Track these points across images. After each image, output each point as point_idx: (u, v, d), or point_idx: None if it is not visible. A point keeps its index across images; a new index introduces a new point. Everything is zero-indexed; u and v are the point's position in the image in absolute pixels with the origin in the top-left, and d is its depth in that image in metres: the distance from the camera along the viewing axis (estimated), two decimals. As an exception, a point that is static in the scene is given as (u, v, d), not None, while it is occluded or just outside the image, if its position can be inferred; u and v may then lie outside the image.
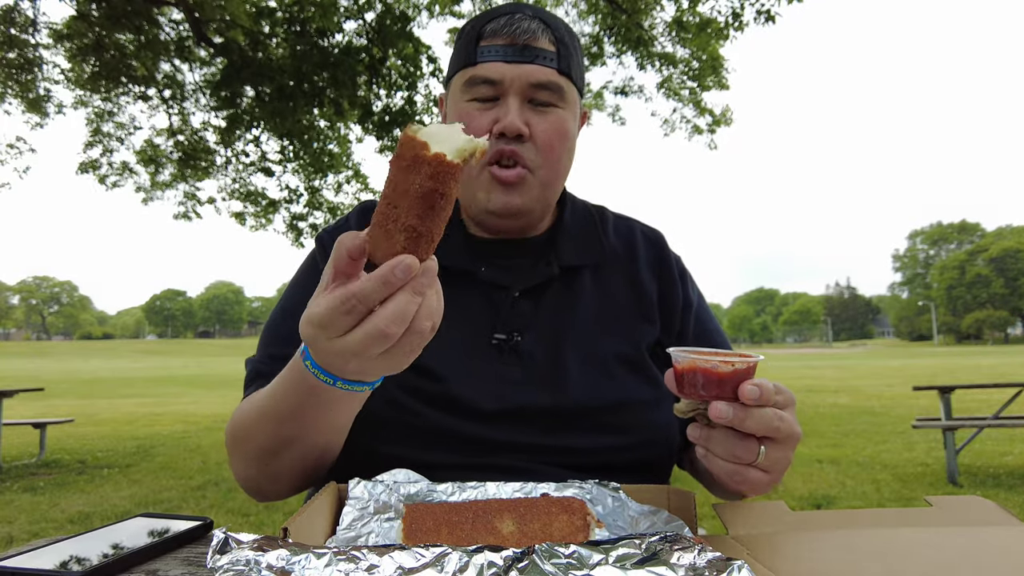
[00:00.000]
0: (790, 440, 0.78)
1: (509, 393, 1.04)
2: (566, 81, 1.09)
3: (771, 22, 7.76)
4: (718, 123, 10.39)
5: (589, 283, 1.17)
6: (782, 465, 0.80)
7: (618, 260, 1.21)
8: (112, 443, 9.01)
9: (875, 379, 20.11)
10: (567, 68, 1.09)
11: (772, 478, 0.80)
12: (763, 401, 0.74)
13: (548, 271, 1.14)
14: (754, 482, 0.79)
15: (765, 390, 0.74)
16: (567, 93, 1.10)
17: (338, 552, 0.58)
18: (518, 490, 0.87)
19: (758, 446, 0.77)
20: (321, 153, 10.60)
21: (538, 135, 1.07)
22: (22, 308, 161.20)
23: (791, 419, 0.78)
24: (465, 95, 1.09)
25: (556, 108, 1.09)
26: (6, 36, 8.71)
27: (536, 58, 1.06)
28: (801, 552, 0.72)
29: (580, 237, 1.20)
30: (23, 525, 4.79)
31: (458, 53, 1.12)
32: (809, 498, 5.33)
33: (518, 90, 1.06)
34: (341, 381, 0.76)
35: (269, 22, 9.13)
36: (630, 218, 1.31)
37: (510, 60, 1.06)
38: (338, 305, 0.66)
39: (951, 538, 0.73)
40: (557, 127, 1.09)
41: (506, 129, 1.05)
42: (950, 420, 6.06)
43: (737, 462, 0.77)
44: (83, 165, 10.66)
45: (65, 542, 0.79)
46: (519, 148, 1.06)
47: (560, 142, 1.09)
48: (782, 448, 0.78)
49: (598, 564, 0.55)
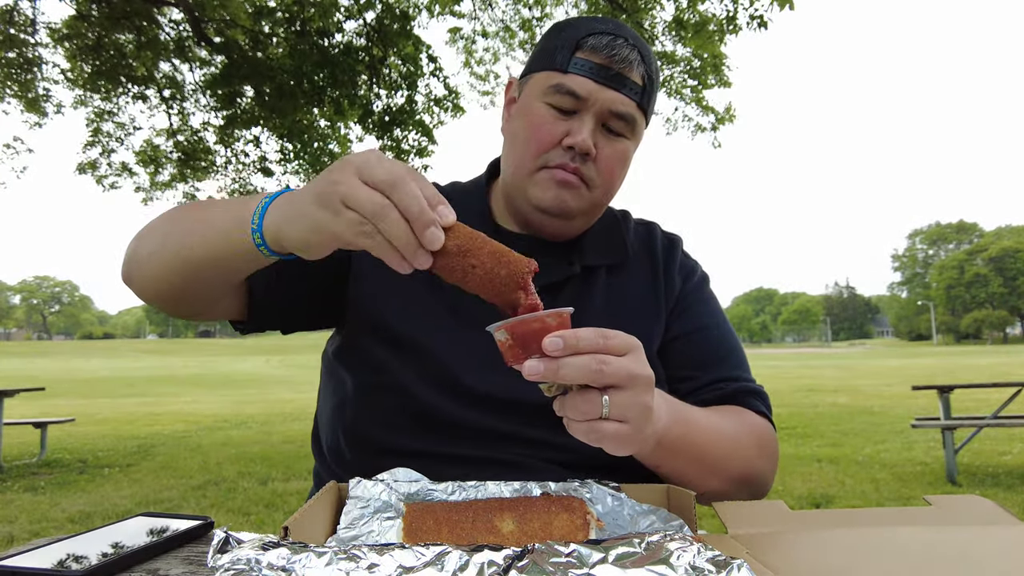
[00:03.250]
0: (633, 383, 0.74)
1: (516, 385, 1.02)
2: (641, 116, 1.12)
3: (763, 28, 7.78)
4: (721, 121, 10.37)
5: (604, 281, 1.19)
6: (637, 411, 0.74)
7: (637, 260, 1.24)
8: (113, 443, 9.01)
9: (874, 379, 20.11)
10: (647, 104, 1.12)
11: (632, 428, 0.75)
12: (572, 350, 0.71)
13: (569, 270, 1.16)
14: (613, 435, 0.74)
15: (569, 338, 0.71)
16: (639, 127, 1.13)
17: (338, 551, 0.58)
18: (518, 489, 0.87)
19: (600, 397, 0.73)
20: (321, 153, 10.59)
21: (602, 159, 1.10)
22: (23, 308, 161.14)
23: (624, 361, 0.73)
24: (545, 97, 1.10)
25: (624, 138, 1.12)
26: (6, 36, 8.70)
27: (623, 87, 1.08)
28: (800, 551, 0.72)
29: (603, 238, 1.23)
30: (24, 524, 4.79)
31: (547, 53, 1.12)
32: (808, 497, 5.34)
33: (598, 112, 1.08)
34: (260, 225, 0.84)
35: (269, 22, 9.13)
36: (651, 222, 1.34)
37: (600, 81, 1.07)
38: (413, 177, 0.74)
39: (950, 537, 0.73)
40: (621, 156, 1.12)
41: (578, 145, 1.07)
42: (949, 419, 6.06)
43: (586, 418, 0.73)
44: (82, 166, 10.66)
45: (65, 541, 0.79)
46: (582, 167, 1.09)
47: (620, 170, 1.13)
48: (628, 393, 0.73)
49: (598, 563, 0.55)
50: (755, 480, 1.05)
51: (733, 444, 1.03)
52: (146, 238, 1.03)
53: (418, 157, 9.92)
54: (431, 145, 9.91)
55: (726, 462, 1.00)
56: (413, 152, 9.90)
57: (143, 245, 1.02)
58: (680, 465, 0.95)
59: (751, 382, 1.17)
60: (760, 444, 1.08)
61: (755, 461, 1.06)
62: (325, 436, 1.16)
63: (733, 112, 10.38)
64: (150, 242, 1.01)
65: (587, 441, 0.76)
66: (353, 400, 1.09)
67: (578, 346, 0.71)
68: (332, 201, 0.73)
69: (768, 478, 1.08)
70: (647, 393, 0.76)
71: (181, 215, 1.03)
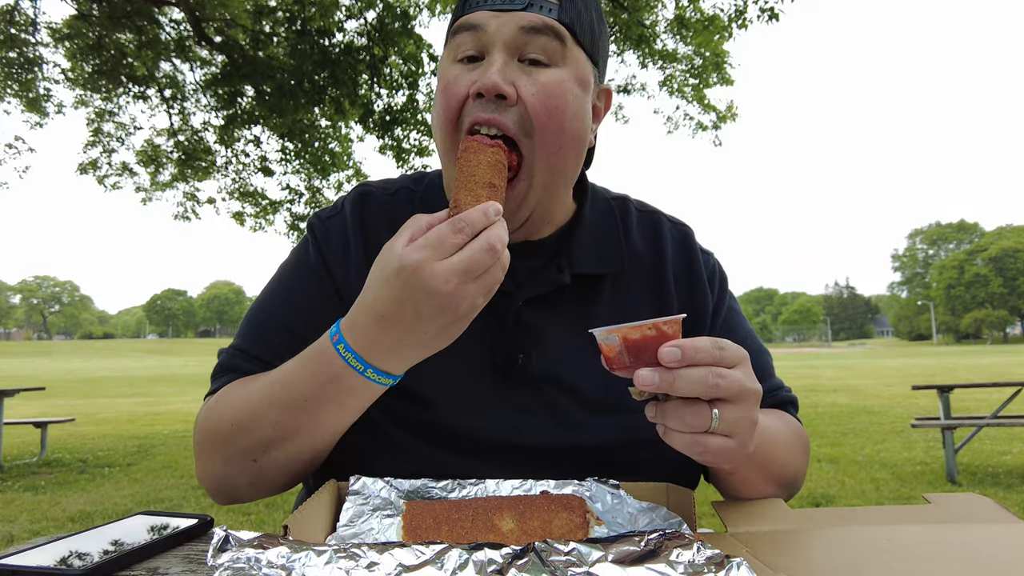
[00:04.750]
0: (743, 397, 0.71)
1: (511, 424, 0.94)
2: (570, 35, 0.91)
3: (775, 19, 7.76)
4: (723, 119, 10.35)
5: (608, 295, 1.03)
6: (744, 426, 0.72)
7: (642, 265, 1.07)
8: (113, 442, 9.01)
9: (874, 378, 20.09)
10: (571, 22, 0.91)
11: (737, 443, 0.72)
12: (689, 361, 0.69)
13: (558, 278, 0.99)
14: (717, 450, 0.71)
15: (687, 349, 0.69)
16: (569, 51, 0.91)
17: (338, 549, 0.58)
18: (518, 487, 0.87)
19: (709, 410, 0.70)
20: (322, 152, 10.60)
21: (527, 98, 0.88)
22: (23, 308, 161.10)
23: (739, 375, 0.71)
24: (449, 55, 0.94)
25: (551, 67, 0.90)
26: (6, 35, 8.70)
27: (530, 6, 0.89)
28: (800, 549, 0.72)
29: (599, 240, 1.05)
30: (24, 524, 4.79)
31: (454, 12, 0.98)
32: (808, 497, 5.33)
33: (505, 40, 0.89)
34: (372, 370, 0.79)
35: (269, 21, 9.13)
36: (654, 211, 1.16)
37: (498, 8, 0.90)
38: (450, 226, 0.73)
39: (950, 535, 0.73)
40: (553, 88, 0.89)
41: (483, 87, 0.87)
42: (949, 419, 6.06)
43: (692, 431, 0.71)
44: (83, 166, 10.66)
45: (66, 540, 0.79)
46: (499, 115, 0.88)
47: (559, 107, 0.89)
48: (738, 408, 0.71)
49: (597, 561, 0.55)
50: (798, 483, 1.03)
51: (789, 450, 0.99)
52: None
53: (419, 156, 9.93)
54: (432, 144, 9.90)
55: (783, 468, 0.96)
56: (414, 151, 9.90)
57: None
58: (749, 473, 0.90)
59: (788, 390, 1.11)
60: (804, 449, 1.05)
61: (801, 465, 1.03)
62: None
63: (735, 110, 10.36)
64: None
65: (687, 452, 0.73)
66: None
67: (695, 357, 0.69)
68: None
69: (803, 479, 1.05)
70: (755, 408, 0.74)
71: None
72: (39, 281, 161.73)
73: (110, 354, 74.44)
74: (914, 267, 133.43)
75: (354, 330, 0.78)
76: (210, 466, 0.93)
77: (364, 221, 1.06)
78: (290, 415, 0.85)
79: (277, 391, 0.86)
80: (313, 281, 1.03)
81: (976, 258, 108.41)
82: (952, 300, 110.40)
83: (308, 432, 0.86)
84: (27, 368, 41.46)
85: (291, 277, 1.06)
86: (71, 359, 61.04)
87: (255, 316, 1.04)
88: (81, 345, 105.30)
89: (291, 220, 11.19)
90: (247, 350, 1.00)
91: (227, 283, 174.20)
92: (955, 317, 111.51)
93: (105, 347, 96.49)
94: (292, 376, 0.85)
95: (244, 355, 0.99)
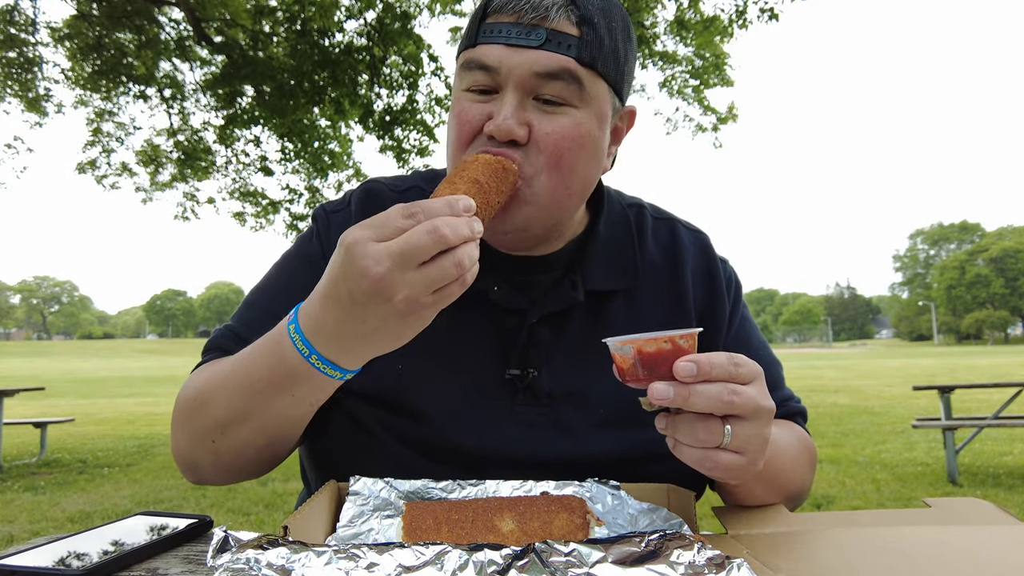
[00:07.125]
0: (757, 415, 0.71)
1: (516, 439, 0.94)
2: (589, 74, 0.88)
3: (774, 20, 7.77)
4: (723, 120, 10.36)
5: (622, 310, 1.02)
6: (756, 443, 0.71)
7: (657, 275, 1.06)
8: (112, 442, 9.01)
9: (875, 379, 20.09)
10: (591, 58, 0.87)
11: (748, 459, 0.71)
12: (704, 376, 0.68)
13: (572, 296, 0.98)
14: (727, 466, 0.71)
15: (703, 364, 0.68)
16: (589, 90, 0.88)
17: (338, 550, 0.58)
18: (518, 488, 0.87)
19: (722, 426, 0.69)
20: (321, 152, 10.60)
21: (540, 140, 0.87)
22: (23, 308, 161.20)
23: (753, 392, 0.70)
24: (462, 82, 0.92)
25: (568, 107, 0.88)
26: (6, 35, 8.70)
27: (547, 43, 0.85)
28: (800, 550, 0.72)
29: (613, 254, 1.03)
30: (24, 524, 4.79)
31: (464, 34, 0.95)
32: (809, 498, 5.33)
33: (519, 81, 0.86)
34: (317, 356, 0.74)
35: (269, 21, 9.14)
36: (671, 218, 1.15)
37: (512, 43, 0.86)
38: (402, 209, 0.68)
39: (950, 536, 0.73)
40: (568, 132, 0.87)
41: (495, 132, 0.86)
42: (950, 420, 6.05)
43: (703, 446, 0.70)
44: (82, 165, 10.67)
45: (65, 540, 0.79)
46: (509, 150, 0.87)
47: (573, 150, 0.88)
48: (750, 425, 0.70)
49: (598, 562, 0.55)
50: (804, 494, 1.02)
51: (796, 463, 0.98)
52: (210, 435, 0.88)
53: (419, 156, 9.94)
54: (433, 144, 9.92)
55: (790, 481, 0.95)
56: (414, 152, 9.90)
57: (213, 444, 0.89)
58: (755, 485, 0.89)
59: (797, 401, 1.11)
60: (811, 461, 1.05)
61: (807, 478, 1.03)
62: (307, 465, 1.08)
63: (735, 111, 10.37)
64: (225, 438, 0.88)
65: (697, 467, 0.72)
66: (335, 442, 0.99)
67: (711, 373, 0.69)
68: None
69: (809, 491, 1.05)
70: (768, 426, 0.73)
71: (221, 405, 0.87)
72: (39, 281, 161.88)
73: (110, 354, 74.46)
74: (915, 267, 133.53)
75: (305, 312, 0.75)
76: (179, 441, 0.93)
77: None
78: (243, 397, 0.83)
79: (236, 370, 0.85)
80: (312, 271, 1.01)
81: (977, 258, 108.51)
82: (953, 300, 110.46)
83: (259, 417, 0.84)
84: (27, 368, 41.49)
85: (291, 265, 1.08)
86: (71, 359, 61.07)
87: (252, 299, 1.06)
88: (81, 345, 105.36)
89: (290, 220, 11.21)
90: (238, 332, 1.00)
91: (227, 283, 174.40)
92: (956, 317, 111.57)
93: (105, 347, 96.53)
94: (249, 357, 0.83)
95: (234, 336, 1.00)
